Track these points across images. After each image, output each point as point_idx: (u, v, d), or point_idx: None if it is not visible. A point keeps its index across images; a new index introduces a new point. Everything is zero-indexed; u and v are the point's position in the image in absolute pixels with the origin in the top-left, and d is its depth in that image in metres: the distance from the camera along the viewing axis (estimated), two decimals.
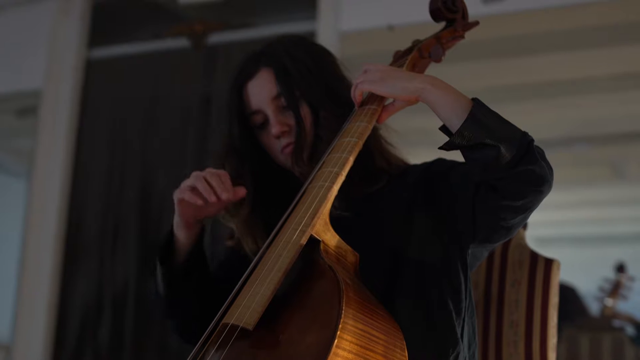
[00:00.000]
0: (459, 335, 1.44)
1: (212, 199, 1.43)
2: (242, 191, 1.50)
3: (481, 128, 1.33)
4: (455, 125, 1.35)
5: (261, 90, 1.59)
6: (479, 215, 1.41)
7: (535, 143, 1.36)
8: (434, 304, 1.45)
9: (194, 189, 1.45)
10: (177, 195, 1.48)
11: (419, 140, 1.66)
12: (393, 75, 1.44)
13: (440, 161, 1.59)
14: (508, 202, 1.36)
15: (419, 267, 1.47)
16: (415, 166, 1.62)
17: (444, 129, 1.41)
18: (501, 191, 1.35)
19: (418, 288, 1.46)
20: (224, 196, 1.44)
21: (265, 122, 1.60)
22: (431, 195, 1.51)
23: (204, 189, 1.43)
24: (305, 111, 1.57)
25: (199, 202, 1.44)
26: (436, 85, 1.39)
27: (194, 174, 1.46)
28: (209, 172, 1.46)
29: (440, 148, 1.40)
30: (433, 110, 1.40)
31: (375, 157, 1.58)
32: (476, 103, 1.36)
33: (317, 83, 1.59)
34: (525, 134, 1.35)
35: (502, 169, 1.32)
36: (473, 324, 1.53)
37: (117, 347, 3.28)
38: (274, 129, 1.57)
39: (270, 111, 1.58)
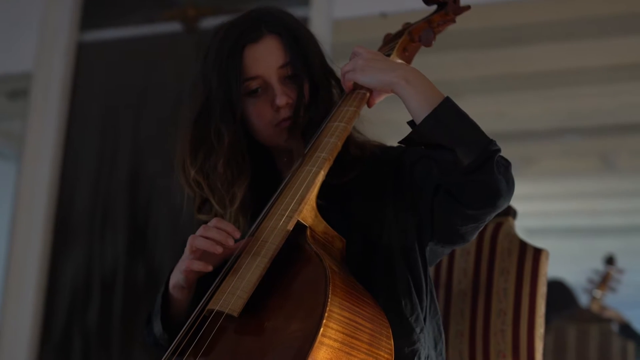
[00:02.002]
0: (417, 333, 1.42)
1: (231, 242, 1.32)
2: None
3: (440, 128, 1.32)
4: (422, 117, 1.34)
5: (268, 57, 1.51)
6: (437, 215, 1.40)
7: (500, 153, 1.33)
8: (402, 298, 1.43)
9: (211, 242, 1.34)
10: (188, 258, 1.37)
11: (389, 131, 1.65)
12: (374, 66, 1.43)
13: (411, 150, 1.54)
14: (461, 208, 1.34)
15: (388, 259, 1.46)
16: (391, 150, 1.58)
17: (412, 123, 1.40)
18: (455, 196, 1.34)
19: (388, 280, 1.44)
20: (237, 234, 1.34)
21: (259, 90, 1.52)
22: (399, 187, 1.49)
23: (221, 236, 1.32)
24: (305, 87, 1.52)
25: (219, 249, 1.32)
26: (410, 81, 1.38)
27: (195, 236, 1.35)
28: (213, 222, 1.36)
29: (399, 143, 1.39)
30: (404, 104, 1.39)
31: (349, 146, 1.52)
32: (444, 103, 1.35)
33: (320, 61, 1.57)
34: (490, 142, 1.32)
35: (458, 174, 1.31)
36: (437, 322, 1.51)
37: (105, 330, 3.28)
38: (280, 99, 1.48)
39: (274, 80, 1.50)
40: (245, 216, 1.53)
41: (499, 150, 1.33)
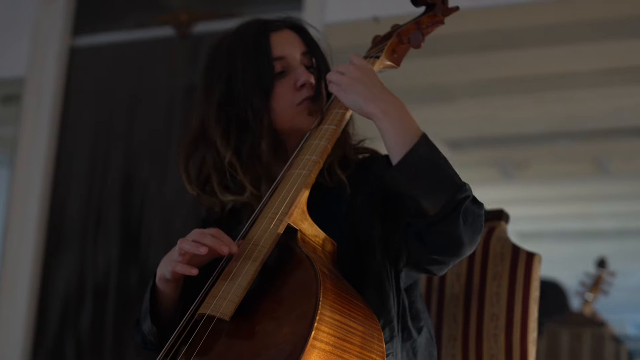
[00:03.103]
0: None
1: (225, 250, 1.30)
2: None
3: (408, 178, 1.33)
4: (393, 161, 1.35)
5: (291, 42, 1.55)
6: (409, 246, 1.40)
7: (471, 197, 1.34)
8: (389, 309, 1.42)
9: (197, 244, 1.31)
10: (176, 260, 1.34)
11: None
12: (357, 90, 1.42)
13: None
14: (426, 251, 1.37)
15: (376, 267, 1.45)
16: (382, 161, 1.53)
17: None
18: (422, 239, 1.35)
19: (380, 288, 1.43)
20: (234, 249, 1.31)
21: (281, 74, 1.52)
22: (384, 205, 1.48)
23: (215, 243, 1.30)
24: (323, 82, 1.54)
25: (203, 250, 1.29)
26: (388, 114, 1.37)
27: (185, 239, 1.33)
28: (212, 232, 1.33)
29: None
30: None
31: (342, 148, 1.53)
32: (417, 146, 1.34)
33: (327, 63, 1.60)
34: (460, 188, 1.33)
35: (423, 222, 1.32)
36: (430, 330, 1.52)
37: (98, 335, 3.27)
38: (303, 76, 1.50)
39: (297, 62, 1.53)
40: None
41: (468, 197, 1.33)
